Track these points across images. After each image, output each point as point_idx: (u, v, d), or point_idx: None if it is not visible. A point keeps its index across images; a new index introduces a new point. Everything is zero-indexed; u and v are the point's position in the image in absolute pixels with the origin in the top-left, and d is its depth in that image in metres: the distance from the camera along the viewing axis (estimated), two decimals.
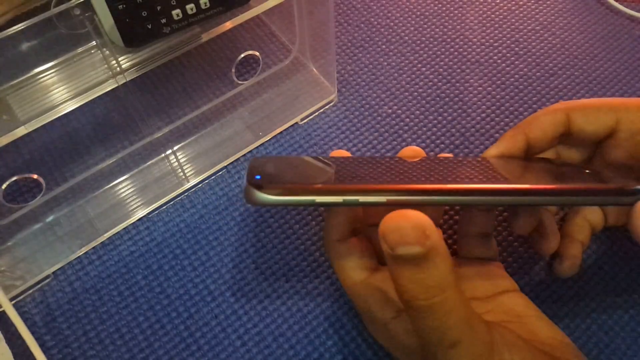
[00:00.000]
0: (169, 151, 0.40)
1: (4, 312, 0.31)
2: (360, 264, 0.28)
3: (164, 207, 0.38)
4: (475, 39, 0.47)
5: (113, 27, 0.29)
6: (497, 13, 0.49)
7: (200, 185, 0.39)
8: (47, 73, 0.34)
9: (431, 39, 0.47)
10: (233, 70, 0.42)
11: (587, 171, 0.30)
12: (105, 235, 0.37)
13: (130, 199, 0.38)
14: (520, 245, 0.37)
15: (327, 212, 0.29)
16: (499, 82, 0.44)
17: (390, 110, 0.43)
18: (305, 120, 0.42)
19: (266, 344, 0.33)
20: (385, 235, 0.22)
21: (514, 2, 0.49)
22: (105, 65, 0.32)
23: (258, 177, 0.25)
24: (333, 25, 0.42)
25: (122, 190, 0.38)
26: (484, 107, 0.43)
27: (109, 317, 0.34)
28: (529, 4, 0.49)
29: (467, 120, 0.42)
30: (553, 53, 0.46)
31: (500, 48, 0.46)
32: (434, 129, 0.42)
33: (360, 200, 0.24)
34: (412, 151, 0.30)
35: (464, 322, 0.23)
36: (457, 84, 0.44)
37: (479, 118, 0.42)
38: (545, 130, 0.31)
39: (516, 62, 0.45)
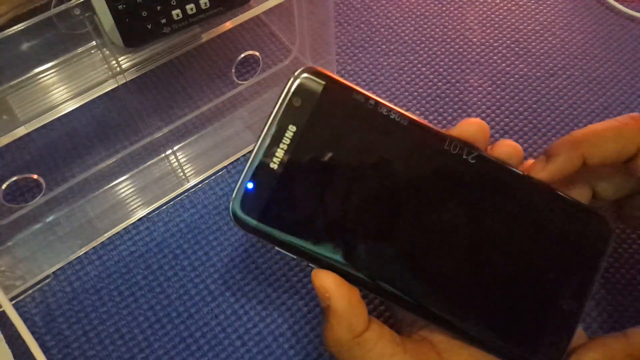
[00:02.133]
0: (169, 151, 0.39)
1: (3, 312, 0.31)
2: (394, 347, 0.24)
3: (164, 207, 0.38)
4: (475, 39, 0.47)
5: (113, 27, 0.29)
6: (497, 13, 0.49)
7: (200, 185, 0.39)
8: (47, 73, 0.34)
9: (431, 39, 0.47)
10: (233, 70, 0.42)
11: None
12: (105, 235, 0.37)
13: (130, 199, 0.38)
14: None
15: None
16: (499, 82, 0.44)
17: None
18: None
19: (266, 343, 0.33)
20: (313, 281, 0.24)
21: (513, 2, 0.49)
22: (105, 65, 0.32)
23: (251, 184, 0.22)
24: (333, 26, 0.42)
25: (122, 190, 0.38)
26: (484, 107, 0.43)
27: (109, 317, 0.34)
28: (529, 4, 0.49)
29: None
30: (553, 53, 0.46)
31: (500, 48, 0.46)
32: None
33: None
34: (477, 125, 0.24)
35: None
36: (457, 84, 0.44)
37: (479, 118, 0.42)
38: (608, 156, 0.24)
39: (516, 62, 0.45)
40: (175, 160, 0.39)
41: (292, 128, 0.22)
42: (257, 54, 0.44)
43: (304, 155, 0.22)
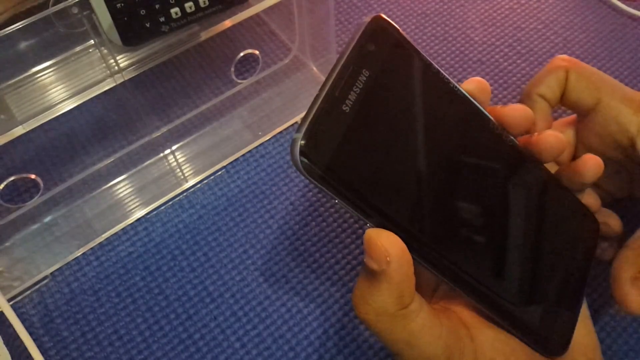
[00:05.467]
0: (168, 151, 0.39)
1: (1, 313, 0.31)
2: (433, 319, 0.23)
3: (163, 208, 0.38)
4: (477, 38, 0.46)
5: (111, 26, 0.29)
6: (499, 12, 0.48)
7: (199, 185, 0.39)
8: (44, 72, 0.33)
9: (432, 38, 0.46)
10: (232, 69, 0.42)
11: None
12: (103, 235, 0.36)
13: (128, 199, 0.38)
14: None
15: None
16: (501, 81, 0.44)
17: None
18: None
19: (266, 345, 0.33)
20: (365, 239, 0.22)
21: (515, 1, 0.49)
22: (104, 64, 0.32)
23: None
24: (333, 24, 0.42)
25: (120, 190, 0.38)
26: None
27: (107, 319, 0.34)
28: (531, 2, 0.49)
29: None
30: (555, 52, 0.46)
31: (502, 47, 0.46)
32: None
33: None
34: (479, 83, 0.27)
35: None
36: (460, 84, 0.44)
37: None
38: (554, 92, 0.31)
39: (518, 61, 0.45)
40: (173, 160, 0.39)
41: (366, 72, 0.21)
42: (257, 52, 0.43)
43: (375, 102, 0.21)
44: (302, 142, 0.19)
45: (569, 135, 0.33)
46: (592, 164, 0.27)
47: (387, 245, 0.21)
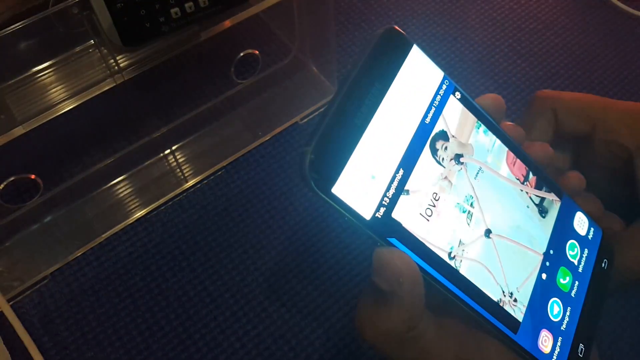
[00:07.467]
0: (168, 151, 0.39)
1: (1, 313, 0.31)
2: (439, 330, 0.23)
3: (163, 208, 0.38)
4: (477, 38, 0.46)
5: (111, 26, 0.29)
6: (499, 12, 0.48)
7: (199, 185, 0.39)
8: (44, 72, 0.33)
9: (432, 38, 0.46)
10: (232, 69, 0.42)
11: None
12: (103, 236, 0.36)
13: (128, 199, 0.38)
14: None
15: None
16: (500, 81, 0.44)
17: None
18: (305, 120, 0.42)
19: (266, 345, 0.33)
20: (375, 259, 0.21)
21: (515, 1, 0.49)
22: (103, 64, 0.32)
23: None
24: (333, 24, 0.42)
25: (120, 190, 0.38)
26: None
27: (107, 319, 0.34)
28: (531, 3, 0.49)
29: None
30: (555, 52, 0.46)
31: (502, 47, 0.46)
32: None
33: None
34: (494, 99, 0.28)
35: None
36: (459, 83, 0.44)
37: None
38: (548, 133, 0.31)
39: (518, 62, 0.45)
40: (173, 160, 0.39)
41: (379, 85, 0.21)
42: (257, 52, 0.43)
43: (388, 116, 0.21)
44: (312, 156, 0.18)
45: (570, 148, 0.33)
46: (574, 184, 0.29)
47: (400, 265, 0.21)
